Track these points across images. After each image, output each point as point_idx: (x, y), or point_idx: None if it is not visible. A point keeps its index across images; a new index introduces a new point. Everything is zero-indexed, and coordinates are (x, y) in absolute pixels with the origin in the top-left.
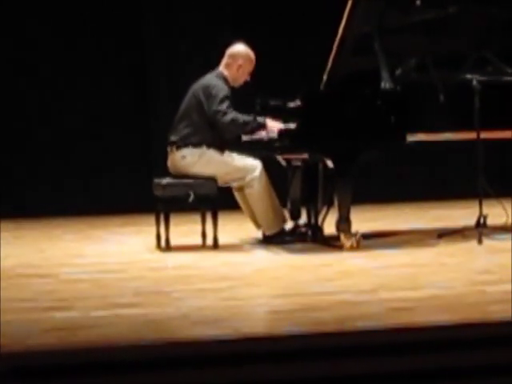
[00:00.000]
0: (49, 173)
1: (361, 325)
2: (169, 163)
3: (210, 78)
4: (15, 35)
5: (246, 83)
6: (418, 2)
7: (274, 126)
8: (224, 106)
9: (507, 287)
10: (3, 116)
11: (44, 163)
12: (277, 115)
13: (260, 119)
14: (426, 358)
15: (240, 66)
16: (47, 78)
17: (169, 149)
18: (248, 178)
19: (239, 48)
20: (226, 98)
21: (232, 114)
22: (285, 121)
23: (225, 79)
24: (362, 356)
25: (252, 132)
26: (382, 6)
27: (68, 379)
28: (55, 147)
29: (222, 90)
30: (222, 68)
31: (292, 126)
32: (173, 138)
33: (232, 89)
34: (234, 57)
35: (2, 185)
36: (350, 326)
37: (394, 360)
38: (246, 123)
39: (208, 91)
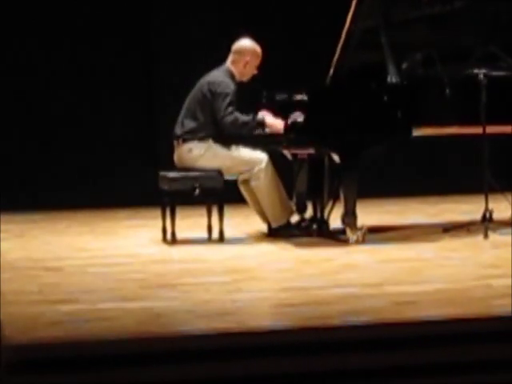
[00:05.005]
0: (55, 166)
1: (366, 319)
2: (175, 157)
3: (216, 75)
4: (17, 36)
5: (254, 77)
6: None
7: (273, 123)
8: (227, 106)
9: None
10: (9, 112)
11: (50, 157)
12: (283, 108)
13: (259, 117)
14: (431, 352)
15: (247, 62)
16: (52, 77)
17: (175, 142)
18: (254, 171)
19: (246, 44)
20: (229, 98)
21: (232, 117)
22: (288, 113)
23: (231, 75)
24: (366, 350)
25: (251, 131)
26: (389, 0)
27: (74, 372)
28: (61, 142)
29: (227, 89)
30: (228, 64)
31: (293, 118)
32: (179, 131)
33: (240, 83)
34: (240, 53)
35: (8, 178)
36: (354, 319)
37: (399, 354)
38: (244, 124)
39: (214, 88)
